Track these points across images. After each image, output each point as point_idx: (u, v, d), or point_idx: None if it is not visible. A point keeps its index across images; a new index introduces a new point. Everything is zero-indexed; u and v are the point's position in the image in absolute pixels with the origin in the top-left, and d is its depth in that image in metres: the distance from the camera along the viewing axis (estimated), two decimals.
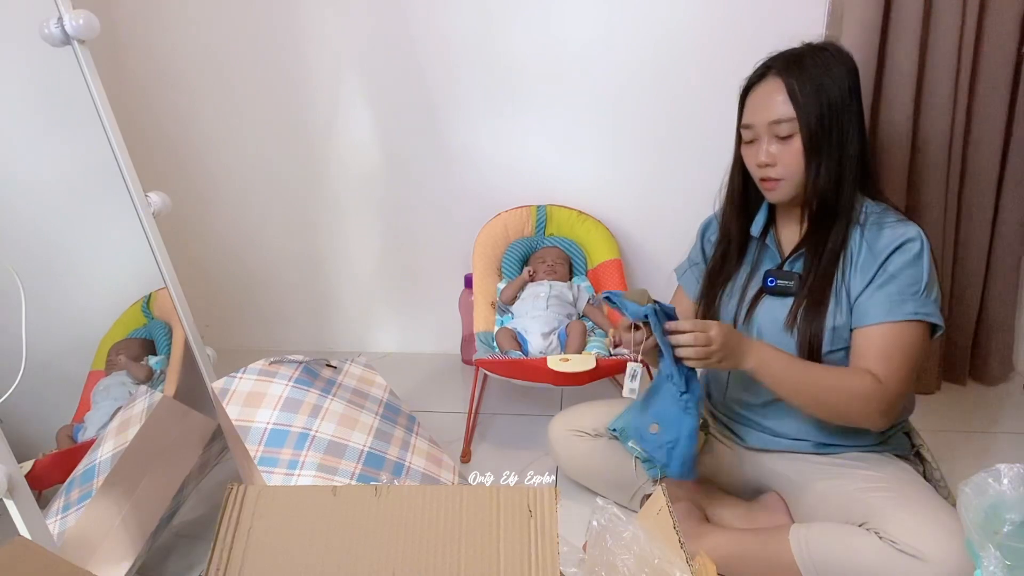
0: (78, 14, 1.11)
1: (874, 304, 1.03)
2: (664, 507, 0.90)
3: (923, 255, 1.03)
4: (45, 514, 1.04)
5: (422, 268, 2.00)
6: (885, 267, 1.03)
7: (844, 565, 0.99)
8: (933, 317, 1.02)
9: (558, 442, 1.37)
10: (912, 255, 1.03)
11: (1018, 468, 0.84)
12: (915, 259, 1.02)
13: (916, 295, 1.02)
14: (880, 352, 1.02)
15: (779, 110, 1.05)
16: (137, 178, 1.23)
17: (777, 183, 1.08)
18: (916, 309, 1.01)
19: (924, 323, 1.02)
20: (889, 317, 1.02)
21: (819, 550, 1.01)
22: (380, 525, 0.71)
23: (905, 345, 1.02)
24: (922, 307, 1.02)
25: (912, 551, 0.94)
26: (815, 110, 1.03)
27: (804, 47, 1.08)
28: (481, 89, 1.77)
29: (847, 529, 1.01)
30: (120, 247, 1.34)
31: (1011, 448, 1.53)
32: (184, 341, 1.33)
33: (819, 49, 1.07)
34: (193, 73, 1.83)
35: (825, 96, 1.03)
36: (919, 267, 1.02)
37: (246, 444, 1.10)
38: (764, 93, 1.07)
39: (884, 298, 1.03)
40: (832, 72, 1.04)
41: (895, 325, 1.02)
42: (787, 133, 1.05)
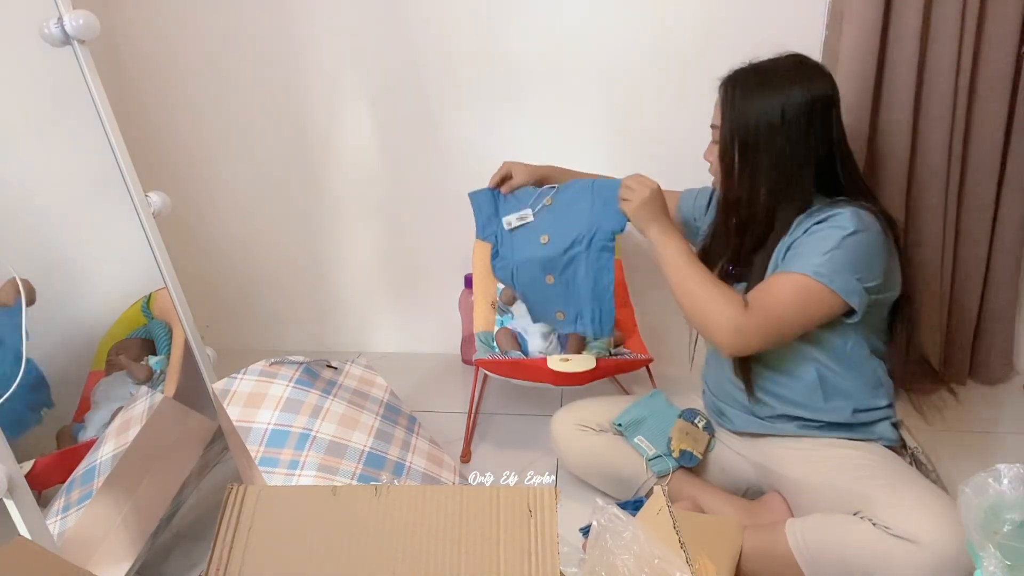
0: (78, 14, 1.11)
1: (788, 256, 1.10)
2: (664, 507, 0.90)
3: (845, 232, 1.04)
4: (45, 514, 1.04)
5: (422, 268, 2.00)
6: (809, 229, 1.09)
7: (840, 554, 1.00)
8: (824, 278, 1.04)
9: (561, 436, 1.37)
10: (830, 227, 1.06)
11: (1018, 468, 0.84)
12: (832, 230, 1.06)
13: (814, 255, 1.05)
14: (759, 291, 1.10)
15: (714, 116, 1.17)
16: (137, 178, 1.23)
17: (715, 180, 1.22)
18: (805, 265, 1.06)
19: (815, 282, 1.05)
20: (780, 268, 1.10)
21: (815, 541, 1.02)
22: (380, 525, 0.71)
23: (780, 291, 1.08)
24: (818, 267, 1.04)
25: (906, 535, 0.95)
26: (738, 124, 1.12)
27: (768, 61, 1.13)
28: (481, 88, 1.77)
29: (841, 518, 1.03)
30: (120, 247, 1.34)
31: (1011, 448, 1.53)
32: (184, 341, 1.33)
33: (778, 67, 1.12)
34: (193, 73, 1.83)
35: (754, 113, 1.10)
36: (832, 238, 1.05)
37: (247, 444, 1.10)
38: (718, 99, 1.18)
39: (794, 249, 1.09)
40: (776, 92, 1.09)
41: (783, 275, 1.08)
42: (715, 138, 1.18)
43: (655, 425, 1.29)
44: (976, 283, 1.68)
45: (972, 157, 1.57)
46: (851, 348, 1.13)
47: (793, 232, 1.11)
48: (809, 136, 1.09)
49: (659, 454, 1.26)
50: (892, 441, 1.15)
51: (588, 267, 1.42)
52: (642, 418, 1.31)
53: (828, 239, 1.05)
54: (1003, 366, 1.76)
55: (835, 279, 1.04)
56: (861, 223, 1.05)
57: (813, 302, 1.06)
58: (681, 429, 1.27)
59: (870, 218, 1.07)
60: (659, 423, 1.30)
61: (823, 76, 1.10)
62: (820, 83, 1.09)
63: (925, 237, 1.59)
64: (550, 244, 1.43)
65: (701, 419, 1.29)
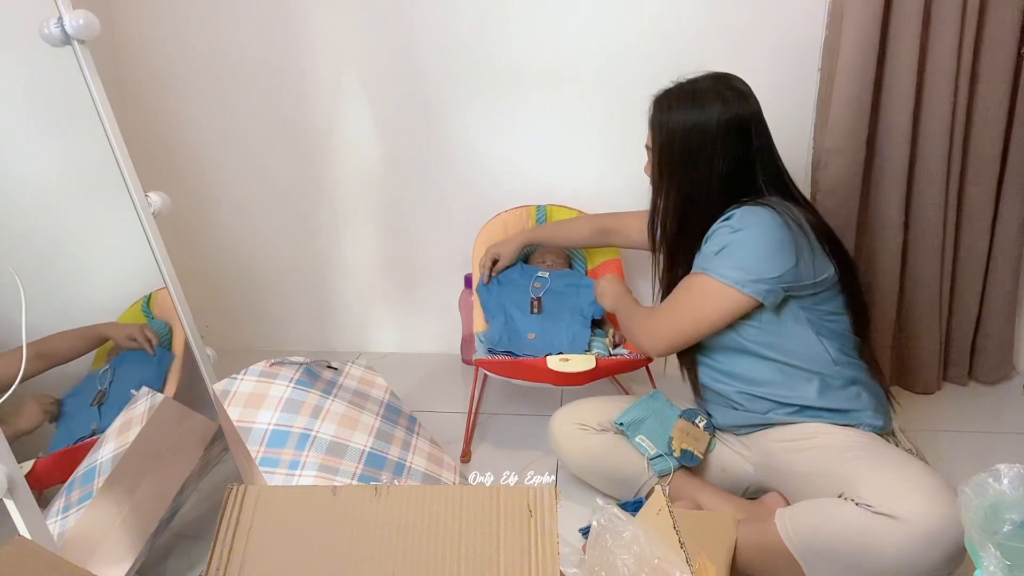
0: (78, 14, 1.11)
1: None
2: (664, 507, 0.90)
3: (732, 230, 1.13)
4: (45, 514, 1.04)
5: (422, 268, 2.00)
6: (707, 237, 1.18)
7: (828, 538, 1.00)
8: (716, 275, 1.13)
9: (561, 436, 1.37)
10: (721, 228, 1.15)
11: (1018, 468, 0.84)
12: (722, 230, 1.14)
13: (708, 255, 1.16)
14: (667, 298, 1.25)
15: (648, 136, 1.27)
16: (137, 178, 1.23)
17: None
18: (699, 265, 1.17)
19: (708, 279, 1.15)
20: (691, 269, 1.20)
21: (802, 528, 1.03)
22: (380, 525, 0.71)
23: (678, 293, 1.21)
24: (708, 265, 1.15)
25: (888, 511, 0.95)
26: (657, 140, 1.22)
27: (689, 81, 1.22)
28: (481, 89, 1.77)
29: (824, 502, 1.04)
30: (120, 247, 1.34)
31: (1011, 448, 1.53)
32: (184, 341, 1.33)
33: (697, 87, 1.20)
34: (193, 73, 1.83)
35: (671, 131, 1.19)
36: (722, 237, 1.14)
37: (247, 445, 1.10)
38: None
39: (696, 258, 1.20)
40: (694, 111, 1.17)
41: (687, 277, 1.20)
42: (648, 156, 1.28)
43: (656, 425, 1.29)
44: (976, 283, 1.68)
45: (972, 157, 1.57)
46: (792, 336, 1.17)
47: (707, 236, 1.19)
48: (724, 152, 1.16)
49: (660, 453, 1.26)
50: (877, 427, 1.16)
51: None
52: (643, 418, 1.31)
53: (718, 239, 1.15)
54: (1003, 366, 1.76)
55: (727, 274, 1.13)
56: (746, 218, 1.12)
57: (710, 298, 1.16)
58: (682, 429, 1.27)
59: (762, 213, 1.12)
60: (660, 423, 1.30)
61: (741, 96, 1.17)
62: (736, 104, 1.16)
63: (925, 237, 1.59)
64: (536, 340, 1.53)
65: (702, 419, 1.29)
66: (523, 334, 1.54)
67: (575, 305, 1.61)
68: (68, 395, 1.25)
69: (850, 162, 1.54)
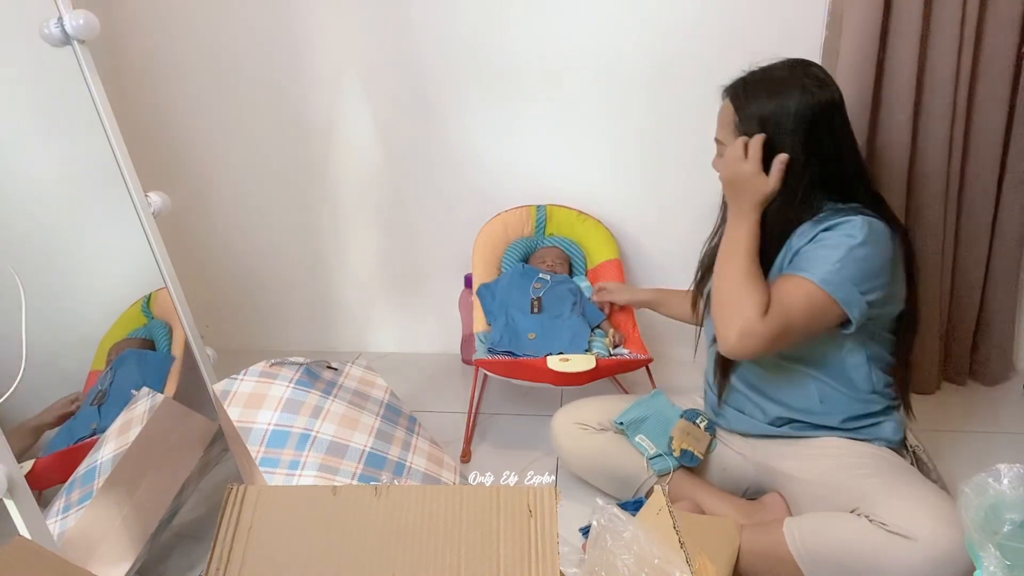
0: (78, 14, 1.10)
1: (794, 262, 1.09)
2: (664, 507, 0.90)
3: (854, 241, 1.03)
4: (45, 514, 1.04)
5: (422, 268, 2.00)
6: (817, 236, 1.07)
7: (837, 551, 1.00)
8: (831, 287, 1.02)
9: (562, 435, 1.37)
10: (840, 235, 1.04)
11: (1018, 468, 0.84)
12: (842, 239, 1.04)
13: (824, 263, 1.04)
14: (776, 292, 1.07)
15: (718, 126, 1.18)
16: (137, 178, 1.23)
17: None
18: (814, 272, 1.04)
19: (821, 291, 1.03)
20: (791, 270, 1.08)
21: (812, 540, 1.02)
22: (380, 525, 0.71)
23: (792, 299, 1.05)
24: (826, 276, 1.03)
25: (902, 532, 0.95)
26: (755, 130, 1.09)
27: (762, 70, 1.12)
28: (481, 89, 1.77)
29: (838, 516, 1.03)
30: (120, 247, 1.34)
31: (1011, 448, 1.53)
32: (184, 341, 1.33)
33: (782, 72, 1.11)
34: (193, 73, 1.83)
35: (755, 124, 1.09)
36: (841, 247, 1.03)
37: (247, 445, 1.10)
38: (719, 111, 1.18)
39: (801, 254, 1.08)
40: (775, 102, 1.08)
41: (792, 280, 1.06)
42: (720, 152, 1.18)
43: (656, 424, 1.30)
44: (976, 283, 1.67)
45: (972, 157, 1.57)
46: (845, 358, 1.13)
47: (800, 236, 1.10)
48: (816, 140, 1.08)
49: (660, 453, 1.27)
50: (893, 442, 1.15)
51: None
52: (643, 417, 1.31)
53: (838, 248, 1.04)
54: (1003, 366, 1.76)
55: (840, 289, 1.03)
56: (871, 234, 1.04)
57: (818, 311, 1.04)
58: (683, 429, 1.27)
59: (881, 228, 1.05)
60: (660, 422, 1.30)
61: (828, 81, 1.10)
62: (826, 88, 1.09)
63: (925, 237, 1.59)
64: (536, 340, 1.53)
65: (703, 419, 1.29)
66: (523, 334, 1.54)
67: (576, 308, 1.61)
68: None
69: None
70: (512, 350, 1.50)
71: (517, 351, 1.50)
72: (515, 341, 1.53)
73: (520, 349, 1.50)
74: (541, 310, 1.60)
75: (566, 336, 1.52)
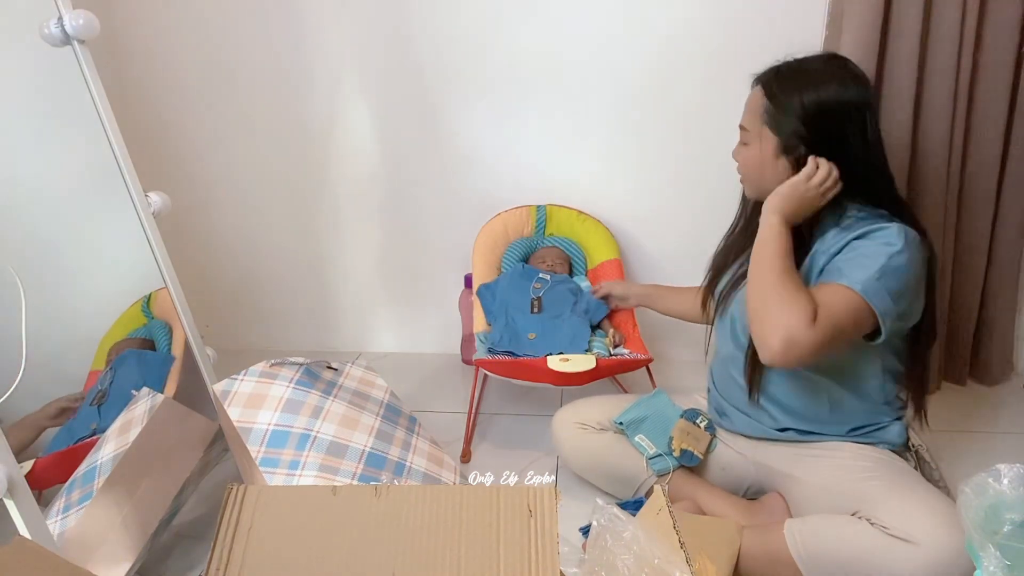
0: (78, 14, 1.10)
1: (828, 270, 1.06)
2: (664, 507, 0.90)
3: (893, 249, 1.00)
4: (45, 514, 1.04)
5: (422, 268, 2.00)
6: (850, 244, 1.05)
7: (838, 554, 1.00)
8: (870, 296, 0.99)
9: (562, 435, 1.37)
10: (878, 243, 1.02)
11: (1018, 468, 0.84)
12: (880, 247, 1.01)
13: (865, 270, 1.00)
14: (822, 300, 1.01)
15: (746, 115, 1.16)
16: (137, 178, 1.23)
17: (743, 181, 1.20)
18: (855, 280, 1.00)
19: (862, 299, 0.99)
20: (828, 278, 1.05)
21: (813, 542, 1.02)
22: (380, 525, 0.71)
23: (838, 308, 1.00)
24: (867, 284, 0.99)
25: (904, 535, 0.95)
26: (788, 120, 1.08)
27: (797, 61, 1.11)
28: (481, 89, 1.77)
29: (839, 519, 1.03)
30: (120, 247, 1.34)
31: (1011, 448, 1.53)
32: (184, 341, 1.33)
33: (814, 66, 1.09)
34: (193, 73, 1.83)
35: (796, 113, 1.06)
36: (881, 255, 1.00)
37: (248, 445, 1.10)
38: (748, 98, 1.16)
39: (836, 264, 1.05)
40: (809, 94, 1.06)
41: (836, 289, 1.01)
42: (743, 140, 1.17)
43: (656, 424, 1.29)
44: (976, 283, 1.67)
45: (972, 156, 1.57)
46: (862, 368, 1.12)
47: (830, 241, 1.08)
48: (847, 137, 1.06)
49: (660, 453, 1.27)
50: (897, 445, 1.15)
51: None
52: (643, 417, 1.31)
53: (876, 257, 1.00)
54: (1003, 366, 1.76)
55: (879, 300, 0.99)
56: (908, 243, 1.01)
57: (858, 320, 1.01)
58: (683, 429, 1.27)
59: (915, 237, 1.03)
60: (660, 422, 1.30)
61: (863, 78, 1.09)
62: (862, 85, 1.07)
63: None
64: (536, 340, 1.53)
65: (703, 419, 1.29)
66: (523, 334, 1.54)
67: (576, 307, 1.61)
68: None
69: None
70: (512, 350, 1.50)
71: (517, 351, 1.50)
72: (515, 341, 1.53)
73: (520, 349, 1.50)
74: (541, 310, 1.60)
75: (566, 336, 1.52)
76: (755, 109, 1.13)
